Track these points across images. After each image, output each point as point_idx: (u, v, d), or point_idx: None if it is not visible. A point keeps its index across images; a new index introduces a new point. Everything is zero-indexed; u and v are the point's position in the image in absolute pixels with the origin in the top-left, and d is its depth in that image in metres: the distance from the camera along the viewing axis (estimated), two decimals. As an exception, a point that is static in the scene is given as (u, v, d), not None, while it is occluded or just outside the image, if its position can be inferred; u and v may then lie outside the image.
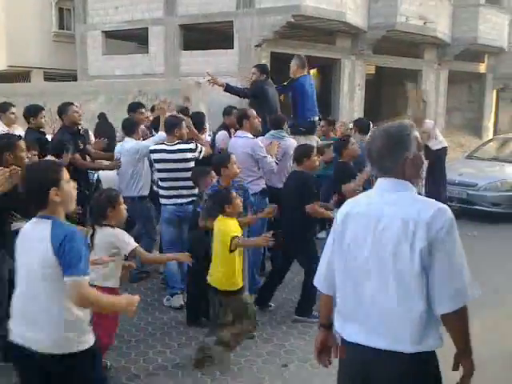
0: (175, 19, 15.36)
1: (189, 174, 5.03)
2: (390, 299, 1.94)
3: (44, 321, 2.36)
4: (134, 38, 17.81)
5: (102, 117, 9.91)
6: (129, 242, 3.54)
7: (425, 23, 16.39)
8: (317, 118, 7.15)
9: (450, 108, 20.31)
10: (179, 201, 5.13)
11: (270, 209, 4.67)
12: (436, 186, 7.78)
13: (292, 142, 5.91)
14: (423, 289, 1.90)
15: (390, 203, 1.99)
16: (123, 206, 3.68)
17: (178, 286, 5.22)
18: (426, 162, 6.97)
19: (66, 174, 2.48)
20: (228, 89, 6.68)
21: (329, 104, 16.07)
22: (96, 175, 6.62)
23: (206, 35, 16.19)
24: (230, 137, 6.23)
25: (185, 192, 5.12)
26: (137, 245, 3.59)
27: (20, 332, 2.42)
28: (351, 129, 7.48)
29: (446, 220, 1.89)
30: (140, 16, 15.89)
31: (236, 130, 5.89)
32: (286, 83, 7.01)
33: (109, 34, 17.13)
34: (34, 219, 2.47)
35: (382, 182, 2.08)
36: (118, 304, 2.49)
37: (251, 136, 5.60)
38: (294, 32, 14.57)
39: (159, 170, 5.29)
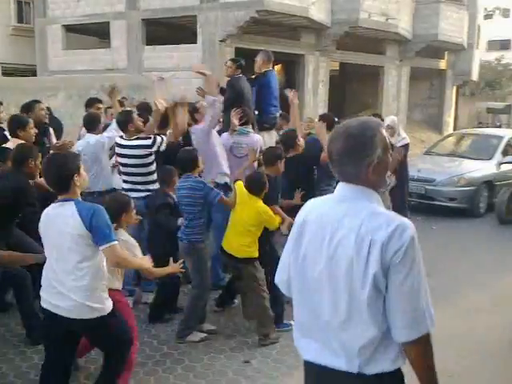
0: (137, 13, 15.16)
1: (145, 170, 5.06)
2: (342, 320, 1.77)
3: (72, 290, 2.84)
4: (95, 33, 17.50)
5: (48, 111, 9.67)
6: (135, 254, 3.46)
7: (387, 20, 16.63)
8: (278, 114, 7.16)
9: (411, 104, 20.69)
10: (134, 195, 5.08)
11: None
12: (400, 183, 7.86)
13: (258, 138, 5.92)
14: (377, 313, 1.72)
15: (347, 214, 1.78)
16: (134, 211, 3.70)
17: (127, 287, 5.18)
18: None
19: (81, 162, 3.04)
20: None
21: (293, 100, 16.14)
22: None
23: (169, 30, 16.04)
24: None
25: (140, 187, 5.10)
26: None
27: (50, 299, 2.92)
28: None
29: (404, 240, 1.68)
30: (101, 10, 15.62)
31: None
32: (253, 76, 6.96)
33: (69, 28, 16.79)
34: (55, 204, 2.94)
35: (342, 188, 1.85)
36: (143, 264, 3.25)
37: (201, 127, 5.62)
38: (258, 27, 14.58)
39: (120, 164, 5.27)
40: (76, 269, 2.85)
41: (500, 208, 9.00)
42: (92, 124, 5.61)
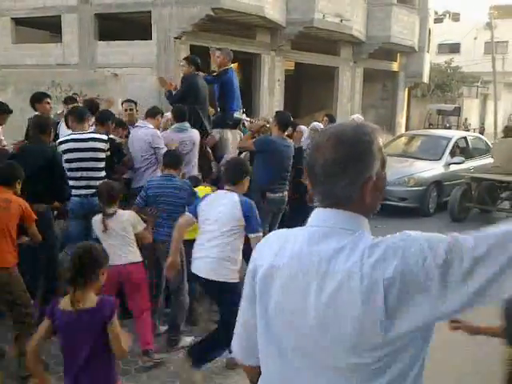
0: (90, 8, 14.82)
1: (99, 165, 4.95)
2: None
3: (214, 257, 3.65)
4: (46, 26, 17.00)
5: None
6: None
7: (341, 21, 16.86)
8: (241, 111, 7.14)
9: (364, 105, 21.05)
10: (84, 192, 4.91)
11: None
12: None
13: (196, 132, 5.94)
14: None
15: (340, 251, 1.27)
16: None
17: None
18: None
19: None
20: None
21: (249, 99, 16.16)
22: None
23: (124, 25, 15.76)
24: None
25: (92, 183, 4.91)
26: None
27: (197, 265, 3.76)
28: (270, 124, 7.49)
29: (420, 247, 1.21)
30: (53, 3, 15.18)
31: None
32: (216, 74, 6.93)
33: (19, 21, 16.24)
34: (222, 191, 3.90)
35: (324, 216, 1.35)
36: None
37: (152, 126, 5.63)
38: (214, 25, 14.51)
39: (67, 161, 5.04)
40: (223, 242, 3.65)
41: (453, 206, 9.33)
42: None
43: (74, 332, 2.45)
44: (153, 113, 5.88)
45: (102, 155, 5.00)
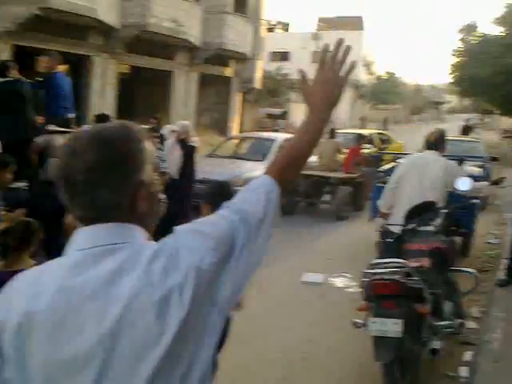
0: None
1: None
2: None
3: None
4: None
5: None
6: None
7: (176, 26, 17.22)
8: (72, 116, 7.08)
9: (199, 109, 21.63)
10: None
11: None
12: (185, 184, 8.17)
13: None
14: None
15: (118, 271, 1.07)
16: None
17: None
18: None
19: None
20: None
21: (78, 102, 15.76)
22: None
23: None
24: None
25: None
26: None
27: None
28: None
29: (198, 253, 1.11)
30: None
31: None
32: (41, 79, 6.80)
33: None
34: None
35: (92, 235, 1.11)
36: None
37: None
38: (42, 25, 13.91)
39: None
40: None
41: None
42: None
43: None
44: None
45: None
